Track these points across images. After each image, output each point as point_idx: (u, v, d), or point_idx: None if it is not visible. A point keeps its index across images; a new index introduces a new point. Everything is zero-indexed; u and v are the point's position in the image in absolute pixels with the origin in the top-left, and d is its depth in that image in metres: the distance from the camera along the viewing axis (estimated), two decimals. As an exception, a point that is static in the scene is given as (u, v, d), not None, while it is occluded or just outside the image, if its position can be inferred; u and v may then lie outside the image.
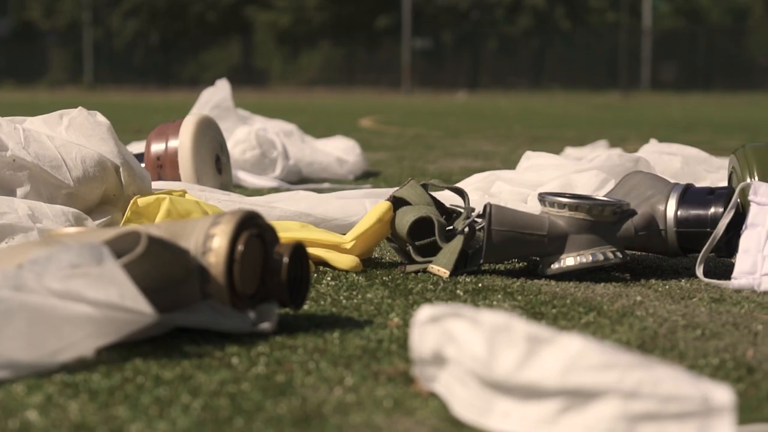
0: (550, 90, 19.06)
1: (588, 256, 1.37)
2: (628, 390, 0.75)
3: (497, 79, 20.67)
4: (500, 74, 20.92)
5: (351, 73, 21.81)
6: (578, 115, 8.88)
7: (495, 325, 0.79)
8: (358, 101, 13.69)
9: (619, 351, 0.77)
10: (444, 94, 18.62)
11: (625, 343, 1.06)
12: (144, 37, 22.00)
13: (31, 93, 17.18)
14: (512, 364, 0.78)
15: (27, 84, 20.77)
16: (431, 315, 0.84)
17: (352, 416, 0.83)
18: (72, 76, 21.43)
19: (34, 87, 20.04)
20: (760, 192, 1.36)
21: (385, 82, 20.54)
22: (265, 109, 4.60)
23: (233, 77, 13.74)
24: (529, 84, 20.41)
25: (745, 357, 1.02)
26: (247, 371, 0.95)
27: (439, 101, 14.75)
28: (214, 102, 2.86)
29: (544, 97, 16.19)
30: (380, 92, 19.25)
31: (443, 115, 8.54)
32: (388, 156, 3.82)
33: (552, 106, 11.61)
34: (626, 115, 8.72)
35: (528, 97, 16.71)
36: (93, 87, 19.50)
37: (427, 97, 17.24)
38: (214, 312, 1.07)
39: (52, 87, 20.07)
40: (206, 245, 1.07)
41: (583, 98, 15.65)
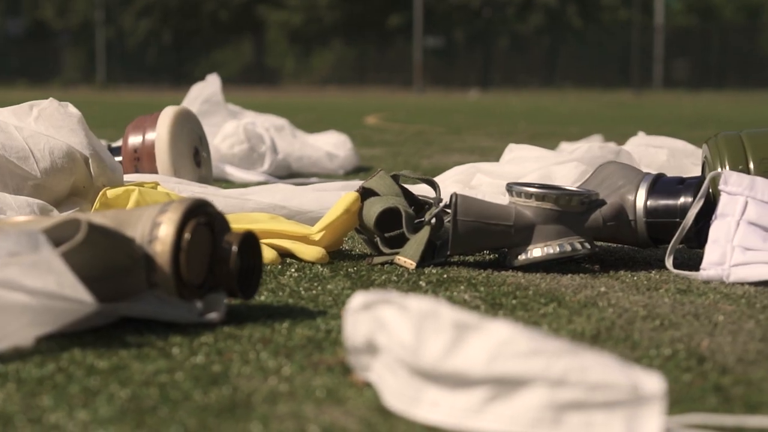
0: (562, 88, 19.00)
1: (555, 247, 1.34)
2: (554, 378, 0.73)
3: (509, 77, 20.62)
4: (512, 72, 20.87)
5: (363, 72, 21.80)
6: (587, 112, 8.84)
7: (422, 312, 0.77)
8: (369, 100, 13.67)
9: (547, 338, 0.75)
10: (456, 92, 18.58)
11: (580, 334, 1.04)
12: (156, 36, 22.03)
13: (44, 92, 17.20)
14: (439, 351, 0.76)
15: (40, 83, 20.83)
16: (363, 302, 0.82)
17: (280, 406, 0.81)
18: (85, 76, 21.47)
19: (47, 86, 20.08)
20: (731, 181, 1.33)
21: (397, 81, 20.52)
22: (274, 108, 4.59)
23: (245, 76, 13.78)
24: (541, 82, 20.35)
25: (699, 347, 0.99)
26: (185, 361, 0.93)
27: (451, 100, 14.71)
28: (204, 97, 2.85)
29: (556, 95, 16.15)
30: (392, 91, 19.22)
31: (450, 113, 8.51)
32: (384, 151, 3.80)
33: (562, 104, 11.57)
34: (636, 113, 8.68)
35: (540, 95, 16.66)
36: (106, 86, 19.53)
37: (438, 95, 17.21)
38: (160, 302, 1.05)
39: (65, 86, 20.11)
40: (152, 233, 1.05)
41: (595, 96, 15.59)
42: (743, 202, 1.32)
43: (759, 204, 1.31)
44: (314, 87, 20.52)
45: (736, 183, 1.33)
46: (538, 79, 20.55)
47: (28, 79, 21.42)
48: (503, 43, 21.55)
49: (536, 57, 21.47)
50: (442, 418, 0.76)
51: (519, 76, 20.56)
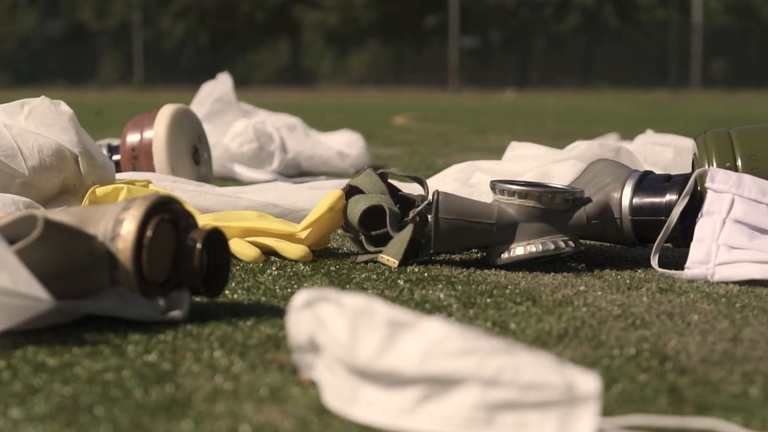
0: (598, 88, 18.88)
1: (538, 245, 1.32)
2: (487, 377, 0.71)
3: (546, 77, 20.52)
4: (549, 72, 20.77)
5: (399, 72, 21.77)
6: (621, 112, 8.76)
7: (357, 309, 0.75)
8: (403, 100, 13.65)
9: (481, 337, 0.73)
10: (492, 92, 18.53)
11: (546, 333, 1.02)
12: (193, 37, 22.12)
13: (81, 93, 17.35)
14: (373, 350, 0.74)
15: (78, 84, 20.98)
16: (306, 300, 0.80)
17: (219, 405, 0.79)
18: (122, 77, 21.59)
19: (85, 87, 20.23)
20: (717, 179, 1.30)
21: (433, 81, 20.48)
22: (307, 109, 4.60)
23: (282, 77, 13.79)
24: (577, 82, 20.24)
25: (665, 347, 0.97)
26: (136, 359, 0.92)
27: (487, 100, 14.66)
28: (215, 96, 2.84)
29: (592, 95, 16.04)
30: (428, 91, 19.19)
31: (481, 113, 8.48)
32: (402, 151, 3.78)
33: (597, 104, 11.49)
34: (670, 113, 8.60)
35: (576, 95, 16.57)
36: (143, 87, 19.63)
37: (474, 95, 17.15)
38: (122, 299, 1.04)
39: (103, 87, 20.25)
40: (115, 230, 1.04)
41: (632, 96, 15.48)
42: (730, 199, 1.29)
43: (746, 202, 1.29)
44: (350, 87, 20.51)
45: (722, 180, 1.30)
46: (575, 79, 20.44)
47: (66, 80, 21.59)
48: (540, 43, 21.45)
49: (573, 57, 21.36)
50: (377, 417, 0.75)
51: (556, 76, 20.45)
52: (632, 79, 19.44)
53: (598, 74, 20.52)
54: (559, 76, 20.44)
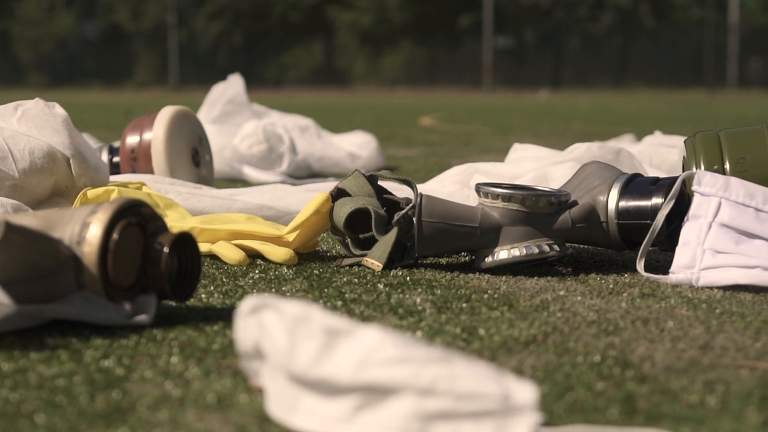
0: (633, 88, 18.77)
1: (522, 249, 1.31)
2: (423, 386, 0.70)
3: (580, 77, 20.43)
4: (583, 72, 20.68)
5: (433, 72, 21.74)
6: (654, 112, 8.70)
7: (295, 316, 0.74)
8: (435, 100, 13.63)
9: (417, 345, 0.72)
10: (526, 92, 18.46)
11: (514, 339, 1.01)
12: (227, 37, 22.21)
13: (117, 94, 17.46)
14: (309, 358, 0.73)
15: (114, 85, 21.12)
16: (251, 307, 0.79)
17: (162, 412, 0.79)
18: (157, 77, 21.71)
19: (120, 88, 20.36)
20: (704, 182, 1.28)
21: (467, 81, 20.44)
22: (336, 109, 4.58)
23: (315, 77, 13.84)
24: (612, 82, 20.14)
25: (632, 355, 0.95)
26: (92, 364, 0.91)
27: (521, 100, 14.60)
28: (227, 97, 2.84)
29: (627, 95, 15.95)
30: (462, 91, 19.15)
31: (510, 113, 8.44)
32: (419, 152, 3.77)
33: (631, 104, 11.42)
34: (703, 113, 8.53)
35: (611, 95, 16.47)
36: (178, 88, 19.71)
37: (508, 96, 17.10)
38: (88, 303, 1.03)
39: (138, 88, 20.36)
40: (81, 234, 1.04)
41: (667, 96, 15.37)
42: (716, 203, 1.27)
43: (733, 205, 1.26)
44: (384, 88, 20.51)
45: (709, 183, 1.28)
46: (610, 79, 20.33)
47: (102, 81, 21.74)
48: (574, 43, 21.36)
49: (608, 56, 21.25)
50: (315, 426, 0.74)
51: (590, 76, 20.35)
52: (668, 78, 19.31)
53: (634, 74, 20.40)
54: (594, 76, 20.35)
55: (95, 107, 9.78)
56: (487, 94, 18.22)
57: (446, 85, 20.48)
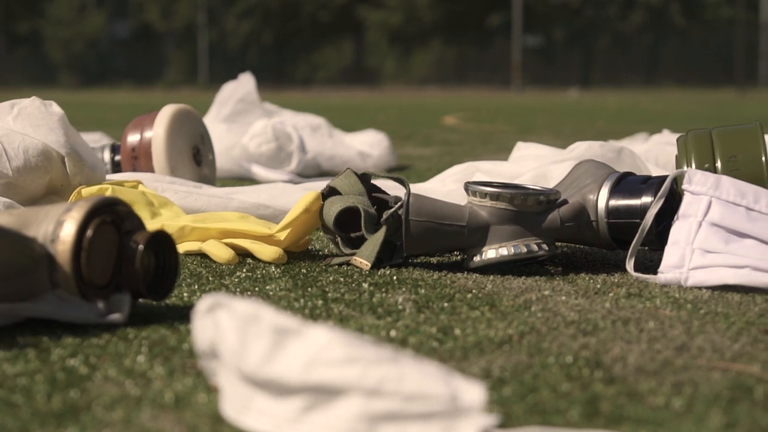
0: (663, 87, 18.67)
1: (510, 248, 1.29)
2: (370, 387, 0.69)
3: (610, 76, 20.33)
4: (613, 71, 20.58)
5: (462, 71, 21.70)
6: (682, 111, 8.64)
7: (245, 315, 0.73)
8: (464, 100, 13.60)
9: (366, 345, 0.71)
10: (555, 91, 18.39)
11: (489, 339, 0.99)
12: (257, 37, 22.25)
13: (147, 94, 17.53)
14: (259, 357, 0.72)
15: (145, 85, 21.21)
16: (208, 305, 0.78)
17: (118, 412, 0.78)
18: (187, 77, 21.79)
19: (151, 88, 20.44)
20: (695, 180, 1.26)
21: (497, 80, 20.39)
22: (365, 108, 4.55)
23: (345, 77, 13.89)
24: (642, 81, 20.03)
25: (606, 356, 0.94)
26: (58, 362, 0.91)
27: (550, 99, 14.56)
28: (238, 96, 2.84)
29: (656, 94, 15.85)
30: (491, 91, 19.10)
31: (535, 112, 8.41)
32: (436, 151, 3.75)
33: (660, 103, 11.34)
34: (733, 112, 8.46)
35: (640, 94, 16.38)
36: (208, 87, 19.77)
37: (537, 95, 17.04)
38: (61, 302, 1.03)
39: (169, 88, 20.44)
40: (55, 232, 1.03)
41: (697, 95, 15.26)
42: (707, 202, 1.25)
43: (723, 204, 1.24)
44: (413, 87, 20.49)
45: (700, 182, 1.26)
46: (640, 78, 20.23)
47: (133, 80, 21.84)
48: (604, 42, 21.26)
49: (638, 55, 21.13)
50: (266, 427, 0.73)
51: (620, 75, 20.25)
52: (698, 77, 19.19)
53: (664, 73, 20.29)
54: (624, 75, 20.24)
55: (125, 107, 9.83)
56: (517, 93, 18.16)
57: (476, 85, 20.44)
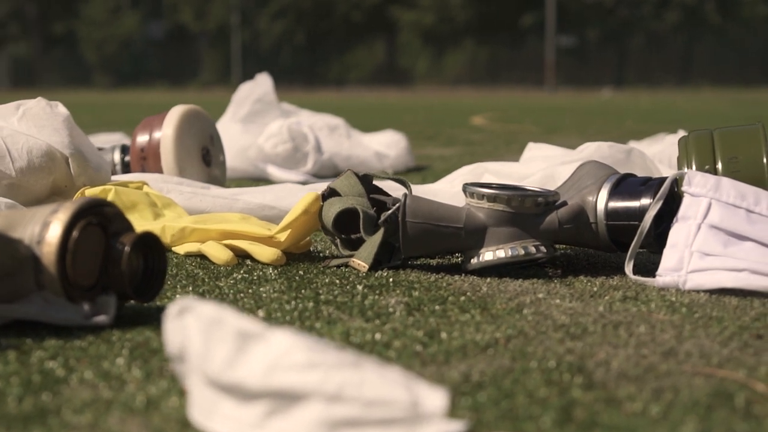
0: (698, 86, 18.54)
1: (507, 251, 1.28)
2: (330, 392, 0.68)
3: (644, 75, 20.23)
4: (647, 71, 20.47)
5: (495, 71, 21.65)
6: (714, 112, 8.57)
7: (209, 319, 0.73)
8: (495, 100, 13.58)
9: (328, 350, 0.70)
10: (589, 91, 18.33)
11: (474, 343, 0.98)
12: (290, 37, 22.30)
13: (180, 94, 17.61)
14: (222, 361, 0.71)
15: (179, 85, 21.32)
16: (178, 309, 0.78)
17: (86, 416, 0.77)
18: (221, 77, 21.89)
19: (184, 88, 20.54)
20: (695, 182, 1.25)
21: (530, 80, 20.34)
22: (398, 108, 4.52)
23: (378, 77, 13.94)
24: (677, 80, 19.91)
25: (590, 360, 0.92)
26: (37, 365, 0.90)
27: (583, 99, 14.51)
28: (256, 96, 2.83)
29: (691, 94, 15.75)
30: (524, 90, 19.06)
31: (565, 112, 8.37)
32: (457, 151, 3.74)
33: (694, 103, 11.27)
34: (764, 113, 8.38)
35: (675, 93, 16.28)
36: (241, 87, 19.80)
37: (571, 94, 16.98)
38: (47, 304, 1.02)
39: (202, 88, 20.53)
40: (41, 234, 1.03)
41: (733, 95, 15.15)
42: (707, 204, 1.23)
43: (723, 206, 1.23)
44: (446, 87, 20.47)
45: (700, 184, 1.24)
46: (674, 77, 20.10)
47: (167, 81, 21.96)
48: (638, 41, 21.14)
49: (672, 55, 21.00)
50: (230, 431, 0.72)
51: (655, 74, 20.15)
52: (734, 77, 19.05)
53: (698, 72, 20.16)
54: (658, 75, 20.13)
55: (158, 107, 9.85)
56: (550, 93, 18.10)
57: (509, 85, 20.41)
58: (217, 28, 22.44)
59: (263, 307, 1.13)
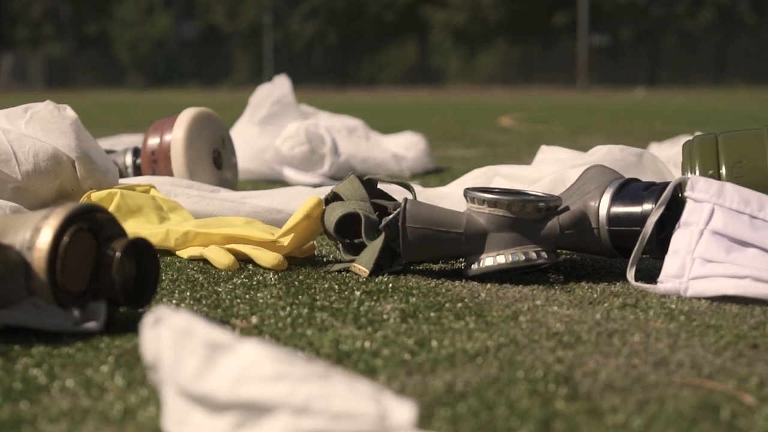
0: (733, 86, 18.40)
1: (508, 257, 1.27)
2: (297, 405, 0.67)
3: (678, 75, 20.10)
4: (681, 70, 20.34)
5: (527, 71, 21.58)
6: (746, 112, 8.49)
7: (178, 329, 0.72)
8: (527, 99, 13.53)
9: (296, 361, 0.69)
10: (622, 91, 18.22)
11: (463, 352, 0.97)
12: (322, 37, 22.33)
13: (213, 94, 17.66)
14: (192, 372, 0.70)
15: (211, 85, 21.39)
16: (154, 318, 0.77)
17: (61, 425, 0.77)
18: (253, 77, 21.92)
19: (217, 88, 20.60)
20: (698, 187, 1.23)
21: (562, 80, 20.26)
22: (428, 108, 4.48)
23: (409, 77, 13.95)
24: (711, 80, 19.77)
25: (578, 370, 0.91)
26: (21, 372, 0.90)
27: (616, 98, 14.42)
28: (274, 98, 2.83)
29: (725, 94, 15.63)
30: (557, 90, 18.98)
31: (595, 112, 8.33)
32: (479, 152, 3.72)
33: (727, 103, 11.18)
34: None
35: (708, 93, 16.16)
36: (273, 87, 19.84)
37: (604, 94, 16.89)
38: (37, 310, 1.02)
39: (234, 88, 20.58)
40: (32, 240, 1.03)
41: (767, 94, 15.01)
42: (709, 209, 1.21)
43: (727, 212, 1.21)
44: (478, 87, 20.42)
45: (703, 189, 1.22)
46: (708, 77, 19.96)
47: (200, 80, 22.04)
48: (672, 41, 21.01)
49: (706, 54, 20.85)
50: (200, 443, 0.71)
51: (688, 74, 20.02)
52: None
53: (733, 72, 20.00)
54: (692, 74, 20.00)
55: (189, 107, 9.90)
56: (582, 93, 18.02)
57: (541, 84, 20.33)
58: (249, 28, 22.50)
59: (257, 313, 1.13)
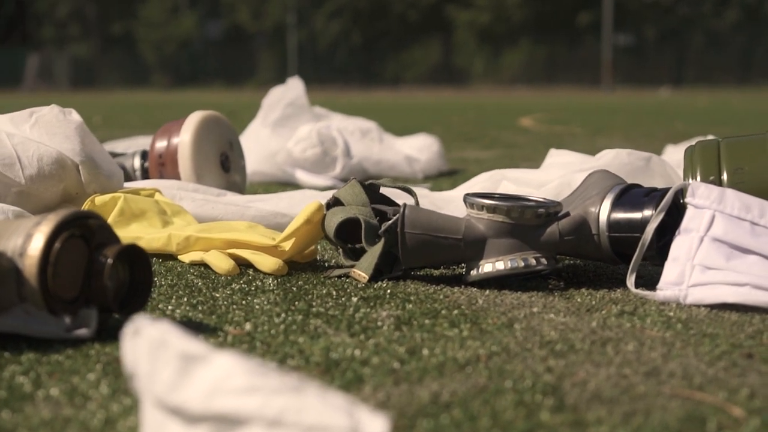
0: (759, 86, 18.28)
1: (507, 263, 1.26)
2: (270, 417, 0.66)
3: (703, 74, 19.99)
4: (706, 70, 20.23)
5: (552, 71, 21.52)
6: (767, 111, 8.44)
7: (154, 340, 0.71)
8: (551, 99, 13.48)
9: (269, 373, 0.68)
10: (647, 91, 18.15)
11: (452, 360, 0.96)
12: (346, 37, 22.34)
13: (237, 94, 17.71)
14: (166, 384, 0.70)
15: (236, 85, 21.44)
16: (134, 329, 0.77)
17: (40, 434, 0.77)
18: (277, 77, 21.95)
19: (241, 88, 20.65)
20: (698, 193, 1.21)
21: (587, 79, 20.20)
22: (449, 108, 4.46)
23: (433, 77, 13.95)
24: (736, 80, 19.65)
25: (568, 380, 0.90)
26: (5, 380, 0.90)
27: (641, 98, 14.36)
28: (287, 100, 2.83)
29: (751, 94, 15.53)
30: (581, 90, 18.92)
31: (617, 113, 8.29)
32: (495, 154, 3.71)
33: (753, 104, 11.11)
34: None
35: (734, 93, 16.07)
36: (297, 87, 19.84)
37: (629, 94, 16.82)
38: (27, 316, 1.02)
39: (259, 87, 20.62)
40: (24, 246, 1.03)
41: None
42: (710, 216, 1.20)
43: (727, 219, 1.19)
44: (502, 86, 20.39)
45: (703, 195, 1.21)
46: (734, 77, 19.84)
47: (225, 80, 22.09)
48: (697, 40, 20.90)
49: (732, 54, 20.73)
50: (175, 455, 0.71)
51: (714, 74, 19.90)
52: (796, 76, 18.76)
53: (759, 72, 19.87)
54: (717, 74, 19.89)
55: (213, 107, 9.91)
56: (607, 92, 17.96)
57: (566, 84, 20.26)
58: (273, 27, 22.54)
59: (252, 320, 1.12)
